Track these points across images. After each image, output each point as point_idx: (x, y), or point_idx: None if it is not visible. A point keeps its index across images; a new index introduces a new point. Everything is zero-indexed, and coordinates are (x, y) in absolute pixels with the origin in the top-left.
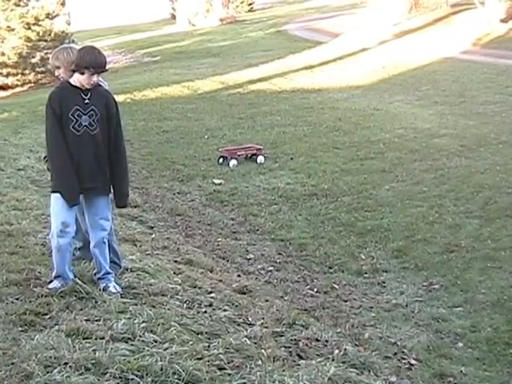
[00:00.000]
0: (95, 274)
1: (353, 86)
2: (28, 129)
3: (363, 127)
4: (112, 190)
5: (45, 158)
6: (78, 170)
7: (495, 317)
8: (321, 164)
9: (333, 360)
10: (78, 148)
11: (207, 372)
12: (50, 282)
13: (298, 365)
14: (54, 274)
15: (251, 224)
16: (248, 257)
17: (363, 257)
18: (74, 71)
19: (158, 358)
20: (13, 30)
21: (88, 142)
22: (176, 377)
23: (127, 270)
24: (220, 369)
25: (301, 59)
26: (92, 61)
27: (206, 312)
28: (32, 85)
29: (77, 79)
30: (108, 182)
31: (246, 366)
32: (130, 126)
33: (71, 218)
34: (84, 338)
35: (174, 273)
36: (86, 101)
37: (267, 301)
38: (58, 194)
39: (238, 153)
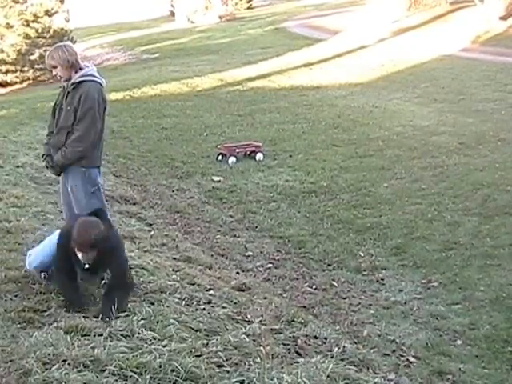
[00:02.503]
0: None
1: (352, 84)
2: (27, 126)
3: (362, 125)
4: None
5: (43, 156)
6: None
7: (494, 314)
8: (320, 161)
9: (331, 357)
10: None
11: (206, 369)
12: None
13: (297, 362)
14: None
15: (250, 221)
16: (247, 254)
17: (362, 254)
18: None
19: (157, 355)
20: (12, 27)
21: None
22: (175, 374)
23: None
24: (219, 366)
25: (300, 56)
26: None
27: (204, 309)
28: (31, 82)
29: None
30: None
31: (245, 364)
32: (128, 123)
33: None
34: (82, 335)
35: (173, 270)
36: None
37: (266, 298)
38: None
39: (237, 150)
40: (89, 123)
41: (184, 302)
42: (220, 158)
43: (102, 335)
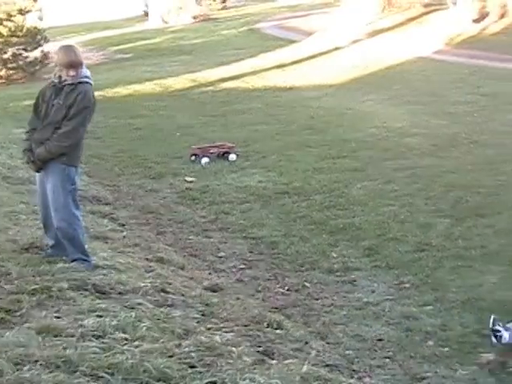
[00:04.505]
0: None
1: (325, 85)
2: None
3: (335, 126)
4: None
5: (24, 151)
6: None
7: (465, 315)
8: (293, 162)
9: (304, 358)
10: None
11: (178, 370)
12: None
13: (270, 363)
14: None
15: (222, 222)
16: (219, 255)
17: (335, 255)
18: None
19: (129, 356)
20: None
21: None
22: (146, 374)
23: (98, 267)
24: (191, 367)
25: (273, 57)
26: None
27: (176, 310)
28: (3, 81)
29: None
30: None
31: (217, 365)
32: (101, 123)
33: None
34: (54, 336)
35: (145, 270)
36: None
37: (238, 299)
38: None
39: (210, 151)
40: (79, 121)
41: (156, 303)
42: (193, 158)
43: (73, 336)
